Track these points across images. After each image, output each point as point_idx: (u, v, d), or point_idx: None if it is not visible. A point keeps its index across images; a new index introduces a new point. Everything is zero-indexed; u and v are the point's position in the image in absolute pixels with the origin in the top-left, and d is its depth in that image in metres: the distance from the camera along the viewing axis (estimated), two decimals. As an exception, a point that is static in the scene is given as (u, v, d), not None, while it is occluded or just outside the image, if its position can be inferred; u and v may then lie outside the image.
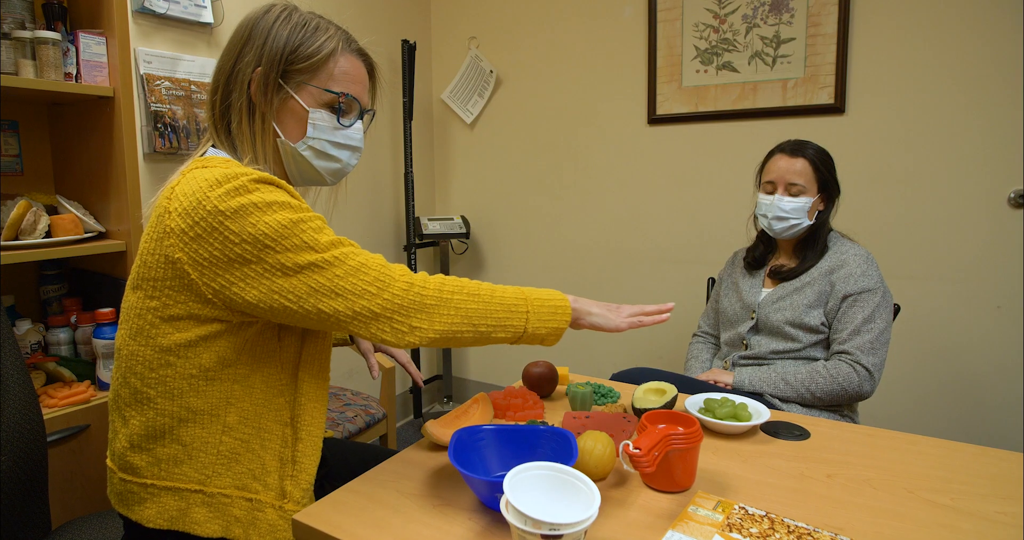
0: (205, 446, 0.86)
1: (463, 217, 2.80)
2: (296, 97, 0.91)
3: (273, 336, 0.88)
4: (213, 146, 0.94)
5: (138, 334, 0.85)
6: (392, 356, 1.28)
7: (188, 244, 0.79)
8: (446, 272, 2.91)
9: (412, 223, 2.69)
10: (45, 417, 1.18)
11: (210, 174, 0.81)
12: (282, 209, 0.81)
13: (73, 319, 1.53)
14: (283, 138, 0.93)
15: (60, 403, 1.36)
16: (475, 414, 1.04)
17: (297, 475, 0.90)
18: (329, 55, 0.91)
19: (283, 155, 0.95)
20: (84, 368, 1.49)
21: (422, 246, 2.80)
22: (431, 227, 2.70)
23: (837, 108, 2.09)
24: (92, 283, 1.60)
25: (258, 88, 0.90)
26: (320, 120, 0.93)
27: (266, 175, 0.83)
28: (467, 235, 2.75)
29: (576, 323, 0.96)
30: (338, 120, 0.94)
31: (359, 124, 0.98)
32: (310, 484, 0.90)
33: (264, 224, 0.78)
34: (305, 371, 0.91)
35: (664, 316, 0.99)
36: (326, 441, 1.19)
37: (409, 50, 2.58)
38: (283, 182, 0.84)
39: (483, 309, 0.88)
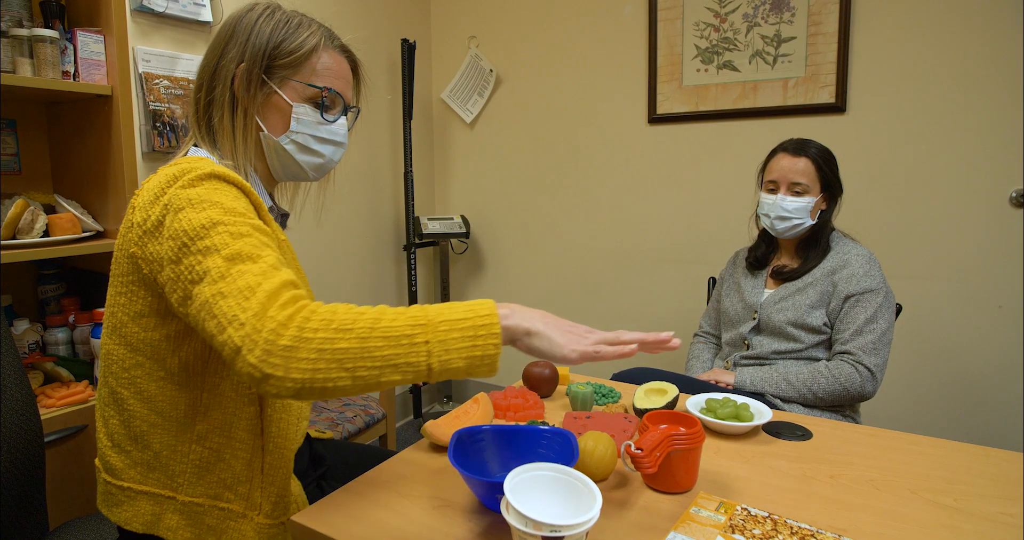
0: (175, 454, 0.85)
1: (463, 217, 2.79)
2: (279, 92, 0.92)
3: None
4: (195, 145, 0.93)
5: (113, 332, 0.85)
6: None
7: (141, 238, 0.79)
8: (446, 272, 2.91)
9: (412, 223, 2.68)
10: (43, 417, 1.18)
11: (172, 170, 0.81)
12: (212, 207, 0.75)
13: (71, 319, 1.52)
14: (266, 132, 0.93)
15: (58, 403, 1.36)
16: (475, 414, 1.04)
17: (267, 487, 0.88)
18: (312, 50, 0.92)
19: (266, 149, 0.95)
20: (82, 368, 1.48)
21: (422, 246, 2.79)
22: (431, 227, 2.70)
23: (838, 107, 2.09)
24: (90, 282, 1.59)
25: (241, 83, 0.90)
26: (304, 115, 0.93)
27: (220, 170, 0.81)
28: (467, 235, 2.74)
29: (511, 344, 0.75)
30: (322, 115, 0.95)
31: (343, 120, 0.99)
32: (280, 496, 0.89)
33: (188, 220, 0.74)
34: None
35: (632, 348, 0.76)
36: (324, 442, 1.18)
37: (409, 49, 2.58)
38: (237, 178, 0.82)
39: (358, 348, 0.66)
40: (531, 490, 0.72)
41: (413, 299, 2.71)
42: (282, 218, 1.05)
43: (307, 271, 2.53)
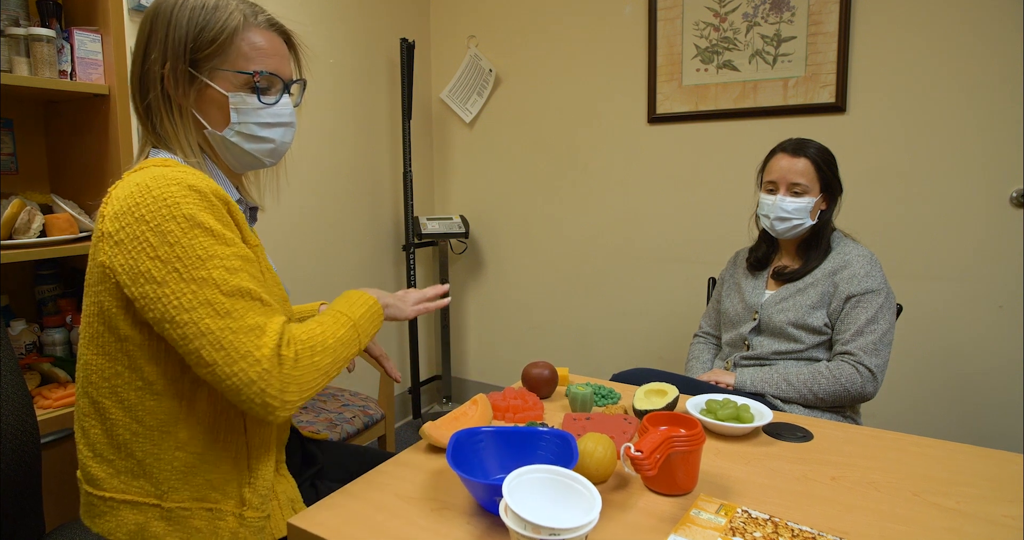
0: (158, 462, 0.84)
1: (462, 217, 2.78)
2: (212, 84, 0.88)
3: None
4: (155, 147, 0.91)
5: (91, 342, 0.84)
6: (366, 350, 1.25)
7: (113, 248, 0.78)
8: (445, 272, 2.90)
9: (411, 223, 2.67)
10: (40, 419, 1.16)
11: (142, 178, 0.79)
12: (204, 235, 0.77)
13: (68, 319, 1.52)
14: (209, 128, 0.90)
15: (55, 404, 1.35)
16: (474, 415, 1.03)
17: (254, 481, 0.88)
18: (233, 33, 0.87)
19: (214, 145, 0.93)
20: (79, 369, 1.47)
21: (421, 246, 2.78)
22: (430, 227, 2.69)
23: (838, 107, 2.08)
24: (88, 283, 1.58)
25: (171, 83, 0.86)
26: (241, 103, 0.89)
27: (199, 184, 0.80)
28: (466, 235, 2.74)
29: None
30: (259, 99, 0.90)
31: (286, 99, 0.94)
32: (268, 488, 0.89)
33: (180, 247, 0.76)
34: None
35: (446, 300, 1.10)
36: (318, 442, 1.18)
37: (408, 49, 2.57)
38: (218, 190, 0.81)
39: (333, 359, 0.86)
40: (530, 492, 0.72)
41: (412, 299, 2.70)
42: (251, 211, 1.03)
43: (305, 272, 2.54)
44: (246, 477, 0.88)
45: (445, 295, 1.11)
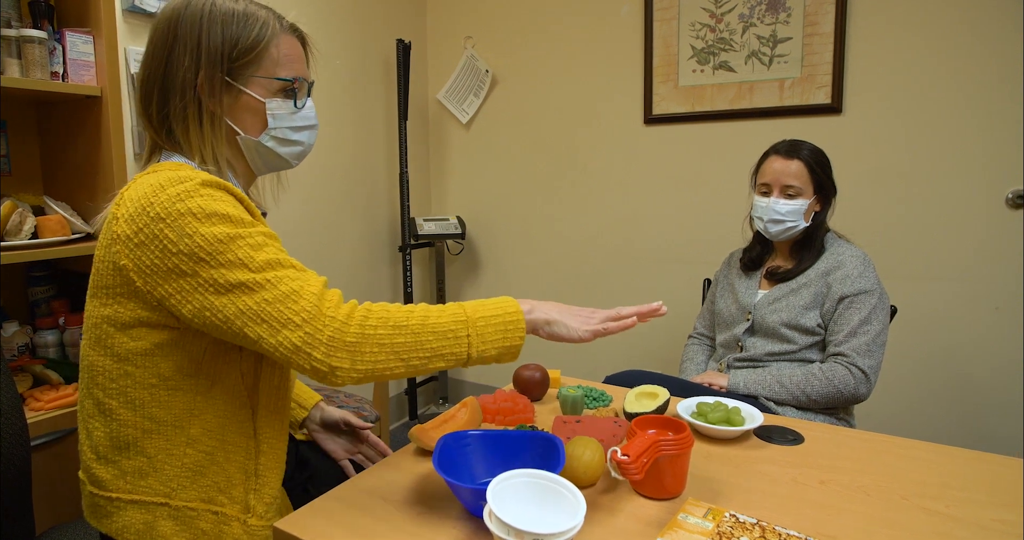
0: (169, 458, 0.84)
1: (459, 217, 2.78)
2: (248, 92, 0.89)
3: (233, 345, 0.85)
4: (165, 150, 0.91)
5: (97, 344, 0.84)
6: (362, 435, 1.19)
7: (132, 251, 0.78)
8: (441, 273, 2.90)
9: (407, 224, 2.67)
10: (32, 421, 1.16)
11: (155, 179, 0.79)
12: (221, 222, 0.78)
13: (61, 321, 1.52)
14: (244, 135, 0.91)
15: (46, 406, 1.35)
16: (462, 418, 1.03)
17: (260, 488, 0.88)
18: (269, 41, 0.88)
19: (245, 150, 0.93)
20: (71, 371, 1.47)
21: (417, 247, 2.78)
22: (426, 228, 2.68)
23: (834, 108, 2.08)
24: (80, 285, 1.58)
25: (205, 91, 0.86)
26: (277, 109, 0.91)
27: (212, 179, 0.80)
28: (463, 235, 2.73)
29: (534, 333, 0.87)
30: (294, 104, 0.93)
31: (310, 101, 0.96)
32: (273, 498, 0.89)
33: (200, 236, 0.76)
34: (266, 382, 0.89)
35: (631, 321, 0.87)
36: (312, 445, 1.17)
37: (404, 49, 2.57)
38: (229, 186, 0.82)
39: (412, 341, 0.79)
40: (515, 497, 0.72)
41: (408, 301, 2.70)
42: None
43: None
44: (252, 483, 0.88)
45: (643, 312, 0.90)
